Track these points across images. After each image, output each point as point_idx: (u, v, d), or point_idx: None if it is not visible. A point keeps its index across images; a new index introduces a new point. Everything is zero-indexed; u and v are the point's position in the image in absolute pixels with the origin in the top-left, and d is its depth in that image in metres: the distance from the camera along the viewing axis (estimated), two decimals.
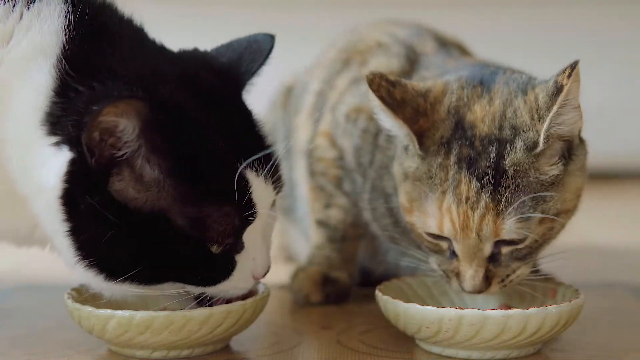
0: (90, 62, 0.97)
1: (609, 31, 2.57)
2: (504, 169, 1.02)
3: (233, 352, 1.09)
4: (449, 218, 1.03)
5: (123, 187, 0.94)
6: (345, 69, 1.32)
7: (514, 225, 1.01)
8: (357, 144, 1.25)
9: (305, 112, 1.37)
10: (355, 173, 1.27)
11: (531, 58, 2.10)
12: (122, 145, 0.92)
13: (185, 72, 1.02)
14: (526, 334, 1.01)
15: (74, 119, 0.93)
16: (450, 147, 1.04)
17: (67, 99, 0.95)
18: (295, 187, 1.42)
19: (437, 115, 1.06)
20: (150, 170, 0.94)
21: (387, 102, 1.06)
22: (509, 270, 1.05)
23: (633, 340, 1.14)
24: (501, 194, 1.01)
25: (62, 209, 0.94)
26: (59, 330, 1.16)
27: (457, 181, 1.03)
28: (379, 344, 1.11)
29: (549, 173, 1.03)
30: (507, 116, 1.04)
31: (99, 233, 0.94)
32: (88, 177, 0.93)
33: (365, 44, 1.33)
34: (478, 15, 2.56)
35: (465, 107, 1.06)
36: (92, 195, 0.93)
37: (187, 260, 0.97)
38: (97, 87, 0.94)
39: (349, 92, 1.28)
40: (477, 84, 1.08)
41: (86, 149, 0.92)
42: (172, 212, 0.94)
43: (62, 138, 0.94)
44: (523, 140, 1.03)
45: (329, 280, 1.30)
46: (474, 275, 1.04)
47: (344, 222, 1.31)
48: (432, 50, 1.28)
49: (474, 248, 1.03)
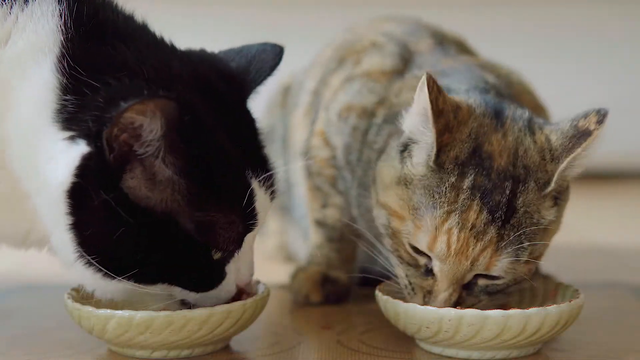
0: (98, 59, 0.97)
1: (609, 31, 2.57)
2: (516, 207, 1.02)
3: (233, 352, 1.09)
4: (446, 239, 1.02)
5: (136, 185, 0.94)
6: (339, 67, 1.32)
7: (507, 265, 1.02)
8: (347, 141, 1.25)
9: (302, 111, 1.37)
10: (345, 171, 1.27)
11: (531, 58, 2.11)
12: (144, 144, 0.93)
13: (197, 74, 1.02)
14: (526, 334, 1.01)
15: (93, 114, 0.93)
16: (465, 171, 1.03)
17: (81, 96, 0.94)
18: (293, 187, 1.42)
19: (459, 135, 1.05)
20: (166, 171, 0.94)
21: (434, 108, 1.03)
22: (475, 301, 1.05)
23: (633, 340, 1.14)
24: (507, 231, 1.01)
25: (68, 203, 0.94)
26: (59, 330, 1.16)
27: (467, 207, 1.02)
28: (379, 344, 1.11)
29: (547, 217, 1.04)
30: (519, 154, 1.04)
31: (107, 229, 0.94)
32: (102, 173, 0.93)
33: (361, 44, 1.33)
34: (478, 15, 2.56)
35: (485, 135, 1.05)
36: (105, 191, 0.93)
37: (186, 264, 0.97)
38: (115, 84, 0.94)
39: (342, 90, 1.28)
40: (492, 114, 1.07)
41: (106, 144, 0.92)
42: (182, 214, 0.95)
43: (78, 132, 0.94)
44: (535, 181, 1.03)
45: (329, 280, 1.30)
46: (447, 298, 1.03)
47: (340, 221, 1.31)
48: (428, 48, 1.28)
49: (459, 275, 1.03)
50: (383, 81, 1.24)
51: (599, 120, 1.03)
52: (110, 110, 0.92)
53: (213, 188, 0.96)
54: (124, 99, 0.90)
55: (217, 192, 0.96)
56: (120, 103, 0.90)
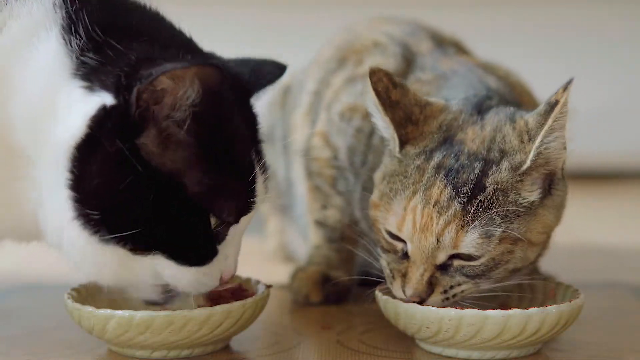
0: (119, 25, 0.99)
1: (609, 31, 2.57)
2: (485, 185, 1.03)
3: (233, 352, 1.09)
4: (412, 217, 1.03)
5: (151, 142, 0.94)
6: (340, 67, 1.32)
7: (475, 240, 1.02)
8: (350, 143, 1.25)
9: (302, 111, 1.37)
10: (348, 172, 1.27)
11: (531, 58, 2.11)
12: (175, 107, 0.94)
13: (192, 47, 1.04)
14: (526, 334, 1.01)
15: (124, 69, 0.94)
16: (432, 155, 1.05)
17: (102, 53, 0.96)
18: (293, 186, 1.42)
19: (427, 127, 1.07)
20: (184, 134, 0.94)
21: (382, 97, 1.07)
22: (453, 282, 1.05)
23: (633, 340, 1.14)
24: (473, 206, 1.02)
25: (74, 157, 0.94)
26: (59, 330, 1.17)
27: (431, 184, 1.03)
28: (379, 344, 1.11)
29: (526, 198, 1.04)
30: (496, 140, 1.06)
31: (114, 179, 0.94)
32: (122, 125, 0.93)
33: (361, 43, 1.33)
34: (478, 15, 2.56)
35: (459, 127, 1.07)
36: (121, 138, 0.93)
37: (183, 231, 0.97)
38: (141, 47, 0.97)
39: (344, 91, 1.28)
40: (474, 112, 1.09)
41: (135, 99, 0.92)
42: (191, 177, 0.95)
43: (100, 84, 0.95)
44: (509, 161, 1.04)
45: (329, 280, 1.30)
46: (419, 278, 1.04)
47: (341, 222, 1.32)
48: (427, 50, 1.28)
49: (427, 252, 1.03)
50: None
51: (564, 87, 1.04)
52: (147, 67, 0.93)
53: (226, 156, 0.97)
54: (165, 60, 0.93)
55: (229, 161, 0.98)
56: (163, 64, 0.92)
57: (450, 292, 1.05)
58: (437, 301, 1.04)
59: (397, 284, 1.06)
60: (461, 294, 1.05)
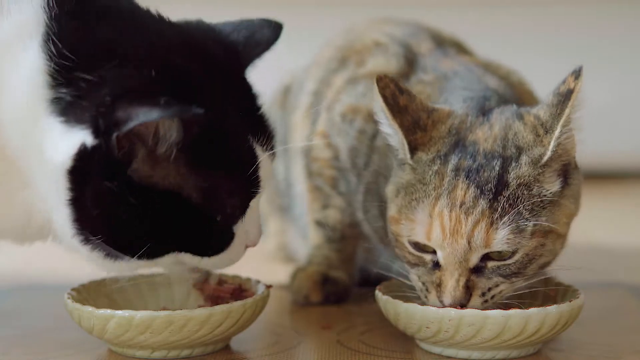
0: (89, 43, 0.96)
1: (610, 31, 2.57)
2: (507, 181, 1.02)
3: (233, 352, 1.09)
4: (440, 223, 1.02)
5: (140, 167, 0.94)
6: (341, 68, 1.32)
7: (507, 236, 1.01)
8: (352, 144, 1.25)
9: (302, 111, 1.37)
10: (350, 173, 1.27)
11: (531, 58, 2.10)
12: (158, 143, 0.93)
13: (194, 42, 1.02)
14: (526, 334, 1.01)
15: (100, 110, 0.92)
16: (447, 159, 1.05)
17: (75, 84, 0.93)
18: (293, 186, 1.42)
19: (436, 132, 1.06)
20: (168, 147, 0.94)
21: (389, 103, 1.06)
22: (490, 284, 1.03)
23: (633, 340, 1.14)
24: (499, 203, 1.01)
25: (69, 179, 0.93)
26: (59, 330, 1.16)
27: (453, 186, 1.02)
28: (379, 344, 1.11)
29: (549, 189, 1.03)
30: (509, 138, 1.05)
31: (111, 213, 0.93)
32: (106, 164, 0.92)
33: (362, 44, 1.32)
34: (478, 15, 2.55)
35: (468, 129, 1.07)
36: (109, 179, 0.92)
37: (194, 232, 0.97)
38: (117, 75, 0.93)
39: (345, 91, 1.28)
40: (479, 114, 1.09)
41: (115, 144, 0.91)
42: (186, 186, 0.95)
43: (77, 121, 0.93)
44: (528, 155, 1.03)
45: (329, 280, 1.30)
46: (455, 285, 1.02)
47: (341, 223, 1.31)
48: (428, 50, 1.28)
49: (460, 257, 1.02)
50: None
51: (576, 76, 1.04)
52: (123, 109, 0.90)
53: (221, 156, 0.97)
54: (138, 101, 0.90)
55: (225, 159, 0.97)
56: (139, 105, 0.90)
57: (489, 294, 1.04)
58: (476, 304, 1.03)
59: (432, 296, 1.04)
60: (499, 294, 1.04)
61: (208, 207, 0.97)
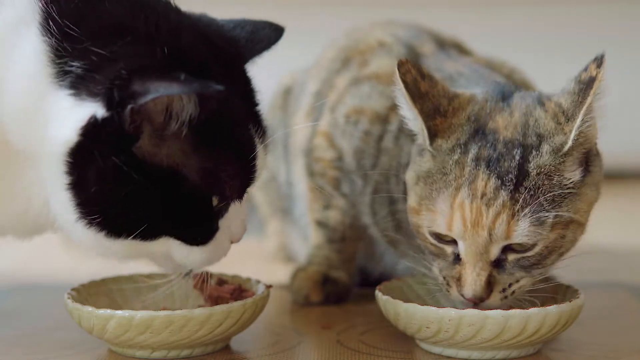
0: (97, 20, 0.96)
1: (610, 31, 2.57)
2: (528, 171, 1.01)
3: (233, 352, 1.09)
4: (460, 214, 1.01)
5: (146, 144, 0.94)
6: (344, 68, 1.32)
7: (528, 228, 1.00)
8: (357, 145, 1.25)
9: (303, 112, 1.37)
10: (355, 175, 1.27)
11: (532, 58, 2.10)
12: (171, 121, 0.93)
13: (199, 30, 1.02)
14: (526, 334, 1.01)
15: (115, 83, 0.92)
16: (467, 148, 1.03)
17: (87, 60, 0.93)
18: (293, 187, 1.41)
19: (456, 119, 1.05)
20: (180, 124, 0.94)
21: (410, 88, 1.05)
22: (512, 279, 1.03)
23: (633, 340, 1.14)
24: (520, 194, 1.00)
25: (69, 161, 0.93)
26: (59, 330, 1.16)
27: (474, 176, 1.01)
28: (379, 344, 1.11)
29: (570, 178, 1.03)
30: (529, 125, 1.04)
31: (113, 189, 0.93)
32: (115, 137, 0.92)
33: (366, 44, 1.32)
34: (478, 15, 2.56)
35: (487, 116, 1.06)
36: (115, 154, 0.93)
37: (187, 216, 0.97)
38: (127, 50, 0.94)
39: (349, 92, 1.28)
40: (499, 98, 1.08)
41: (129, 117, 0.92)
42: (189, 166, 0.95)
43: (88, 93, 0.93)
44: (549, 144, 1.02)
45: (329, 280, 1.30)
46: (475, 279, 1.02)
47: (342, 224, 1.31)
48: (430, 51, 1.28)
49: (481, 248, 1.01)
50: (393, 84, 1.24)
51: (598, 64, 1.03)
52: (139, 82, 0.91)
53: (223, 139, 0.97)
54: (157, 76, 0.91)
55: (227, 143, 0.97)
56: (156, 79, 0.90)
57: (509, 290, 1.03)
58: (496, 300, 1.03)
59: (453, 290, 1.04)
60: (519, 289, 1.04)
61: (208, 188, 0.97)
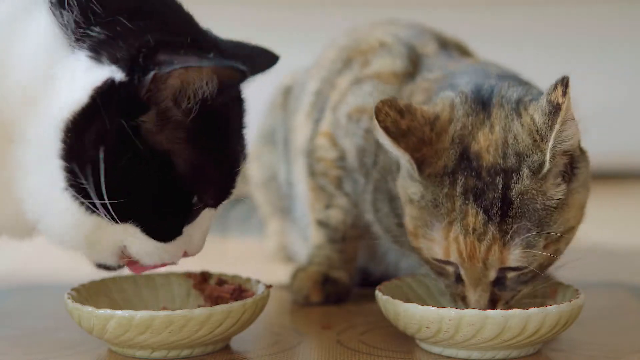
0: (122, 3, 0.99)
1: (610, 31, 2.57)
2: (511, 199, 1.02)
3: (233, 352, 1.09)
4: (456, 247, 1.03)
5: (150, 120, 0.95)
6: (346, 68, 1.31)
7: (520, 254, 1.02)
8: (360, 144, 1.25)
9: (304, 112, 1.37)
10: (358, 174, 1.27)
11: (532, 58, 2.10)
12: (188, 98, 0.95)
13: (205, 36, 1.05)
14: (526, 334, 1.01)
15: (141, 50, 0.94)
16: (455, 178, 1.04)
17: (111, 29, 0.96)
18: (293, 187, 1.41)
19: (441, 144, 1.05)
20: (184, 117, 0.96)
21: (391, 132, 1.05)
22: (514, 293, 1.06)
23: (633, 340, 1.14)
24: (507, 224, 1.02)
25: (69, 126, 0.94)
26: (59, 330, 1.16)
27: (464, 213, 1.03)
28: (379, 344, 1.11)
29: (555, 197, 1.03)
30: (509, 143, 1.04)
31: (111, 156, 0.94)
32: (128, 103, 0.94)
33: (367, 44, 1.32)
34: (478, 15, 2.56)
35: (470, 135, 1.06)
36: (125, 117, 0.94)
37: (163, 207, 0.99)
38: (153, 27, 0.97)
39: (351, 92, 1.28)
40: (479, 109, 1.07)
41: (149, 82, 0.93)
42: (183, 157, 0.97)
43: (109, 57, 0.95)
44: (528, 166, 1.03)
45: (329, 280, 1.30)
46: (478, 299, 1.05)
47: (344, 223, 1.31)
48: (433, 52, 1.28)
49: (479, 274, 1.04)
50: (395, 83, 1.24)
51: (563, 92, 1.03)
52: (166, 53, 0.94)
53: (219, 142, 0.99)
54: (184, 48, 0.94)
55: (220, 148, 1.00)
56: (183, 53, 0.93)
57: (512, 301, 1.07)
58: (500, 308, 1.05)
59: (460, 306, 1.07)
60: (520, 295, 1.07)
61: (192, 183, 0.98)
